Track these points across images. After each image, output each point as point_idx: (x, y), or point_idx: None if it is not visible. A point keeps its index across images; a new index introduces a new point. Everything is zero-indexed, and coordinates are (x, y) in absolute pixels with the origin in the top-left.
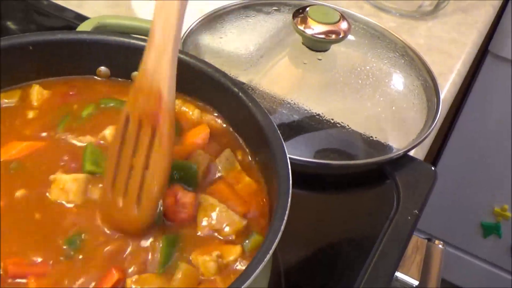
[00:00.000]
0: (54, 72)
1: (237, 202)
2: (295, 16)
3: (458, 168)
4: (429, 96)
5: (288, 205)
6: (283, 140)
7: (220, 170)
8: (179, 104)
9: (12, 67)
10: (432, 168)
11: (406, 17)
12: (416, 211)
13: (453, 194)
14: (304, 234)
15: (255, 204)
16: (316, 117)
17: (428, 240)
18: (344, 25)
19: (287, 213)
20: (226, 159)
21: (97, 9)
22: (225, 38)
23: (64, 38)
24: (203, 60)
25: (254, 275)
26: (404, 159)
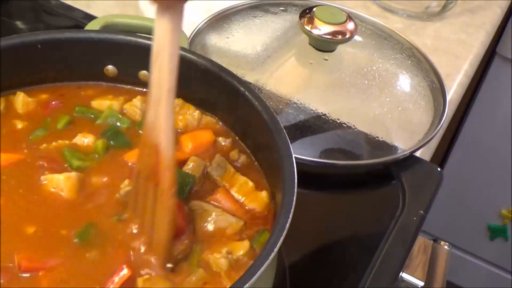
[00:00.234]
0: (60, 72)
1: (234, 207)
2: (302, 16)
3: (465, 169)
4: (435, 97)
5: (294, 203)
6: (289, 140)
7: (213, 177)
8: (179, 104)
9: (21, 65)
10: (438, 169)
11: (413, 18)
12: (421, 211)
13: (459, 196)
14: (309, 234)
15: (256, 202)
16: (322, 117)
17: (434, 241)
18: (350, 25)
19: (292, 211)
20: (218, 164)
21: (105, 8)
22: (232, 38)
23: (72, 37)
24: (210, 59)
25: (258, 273)
26: (410, 159)
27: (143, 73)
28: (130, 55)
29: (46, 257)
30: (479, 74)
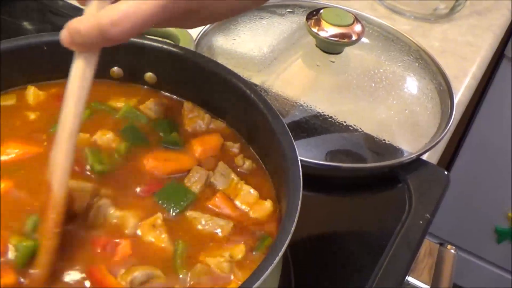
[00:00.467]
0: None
1: (232, 213)
2: (308, 18)
3: (472, 172)
4: (443, 99)
5: (299, 206)
6: (294, 142)
7: (216, 188)
8: (189, 107)
9: (27, 66)
10: (445, 172)
11: (421, 20)
12: (428, 215)
13: (467, 198)
14: (315, 236)
15: (260, 212)
16: (329, 119)
17: (440, 244)
18: (357, 27)
19: (297, 214)
20: (221, 174)
21: None
22: (238, 40)
23: None
24: (215, 61)
25: (264, 276)
26: (416, 163)
27: (149, 75)
28: (135, 57)
29: None
30: (487, 76)
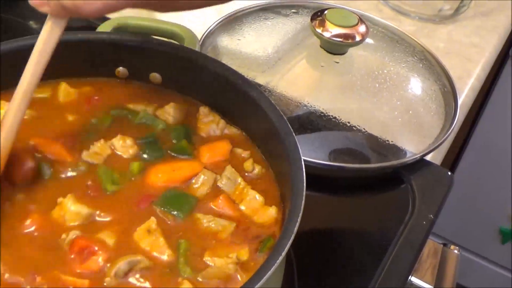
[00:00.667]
0: (73, 72)
1: (234, 214)
2: (313, 18)
3: (476, 172)
4: (447, 100)
5: (302, 206)
6: (298, 143)
7: (222, 191)
8: (205, 112)
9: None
10: (449, 173)
11: (426, 20)
12: (431, 216)
13: (471, 199)
14: (318, 236)
15: (264, 218)
16: (332, 120)
17: (444, 245)
18: (362, 28)
19: (300, 214)
20: (228, 178)
21: None
22: (243, 40)
23: (84, 38)
24: (219, 62)
25: (267, 276)
26: (420, 163)
27: (153, 75)
28: (141, 57)
29: None
30: (491, 77)
